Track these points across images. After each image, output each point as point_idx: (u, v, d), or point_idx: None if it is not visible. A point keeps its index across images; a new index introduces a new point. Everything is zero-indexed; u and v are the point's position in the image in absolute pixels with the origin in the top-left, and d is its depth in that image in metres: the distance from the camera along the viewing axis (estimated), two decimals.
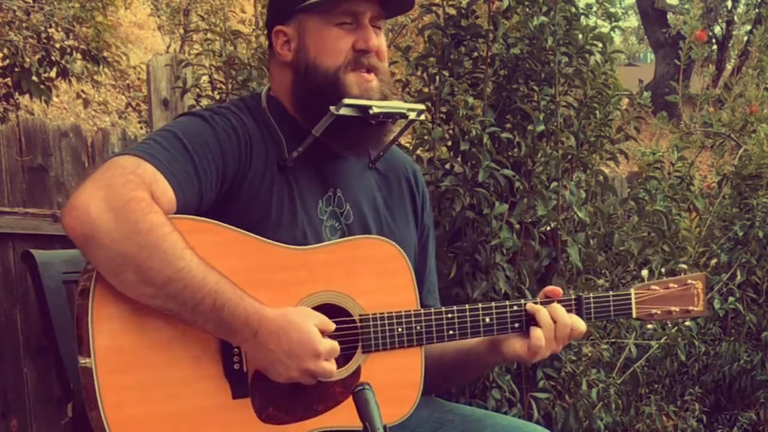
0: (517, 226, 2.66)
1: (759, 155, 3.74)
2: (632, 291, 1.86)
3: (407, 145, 2.87)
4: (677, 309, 1.90)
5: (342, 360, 1.61)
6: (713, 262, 3.71)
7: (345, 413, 1.60)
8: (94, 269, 1.47)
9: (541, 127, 2.66)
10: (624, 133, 2.88)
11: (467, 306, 1.72)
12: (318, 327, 1.54)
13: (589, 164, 2.83)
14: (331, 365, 1.55)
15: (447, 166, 2.68)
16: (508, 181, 2.63)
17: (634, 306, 1.85)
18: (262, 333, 1.50)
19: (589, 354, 2.88)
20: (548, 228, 2.74)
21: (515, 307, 1.74)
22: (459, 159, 2.65)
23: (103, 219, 1.43)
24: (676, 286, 1.90)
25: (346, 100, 1.64)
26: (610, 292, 1.85)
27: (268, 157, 1.67)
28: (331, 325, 1.56)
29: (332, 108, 1.63)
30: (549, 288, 1.80)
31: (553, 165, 2.70)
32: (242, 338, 1.51)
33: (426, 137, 2.69)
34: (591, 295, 1.82)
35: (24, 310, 3.11)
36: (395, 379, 1.66)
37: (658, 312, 1.88)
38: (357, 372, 1.63)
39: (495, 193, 2.63)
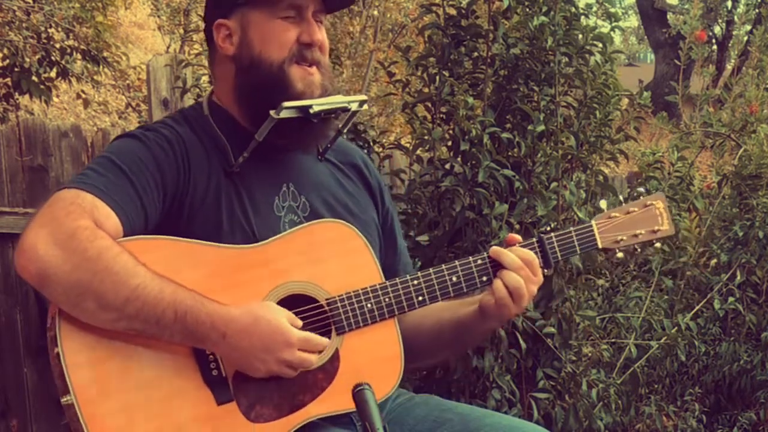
0: (517, 226, 2.66)
1: (759, 155, 3.74)
2: (593, 222, 1.83)
3: (407, 145, 2.87)
4: (642, 231, 1.86)
5: None
6: (713, 262, 3.71)
7: (331, 399, 1.61)
8: (55, 315, 1.48)
9: (541, 127, 2.66)
10: (624, 133, 2.88)
11: (431, 269, 1.71)
12: (287, 320, 1.55)
13: (589, 164, 2.83)
14: (308, 355, 1.55)
15: (447, 166, 2.68)
16: (508, 181, 2.63)
17: (597, 236, 1.82)
18: (230, 333, 1.50)
19: (589, 354, 2.88)
20: (548, 228, 2.74)
21: (479, 261, 1.73)
22: (459, 159, 2.65)
23: (51, 254, 1.44)
24: (636, 209, 1.87)
25: (286, 103, 1.64)
26: (571, 228, 1.82)
27: (211, 164, 1.66)
28: (298, 321, 1.57)
29: (272, 113, 1.64)
30: (509, 237, 1.77)
31: (553, 165, 2.70)
32: (212, 342, 1.52)
33: (426, 137, 2.69)
34: (552, 234, 1.79)
35: (24, 310, 3.11)
36: (376, 354, 1.67)
37: (624, 237, 1.84)
38: (336, 355, 1.63)
39: (495, 193, 2.63)
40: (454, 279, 1.72)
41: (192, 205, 1.63)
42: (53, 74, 4.21)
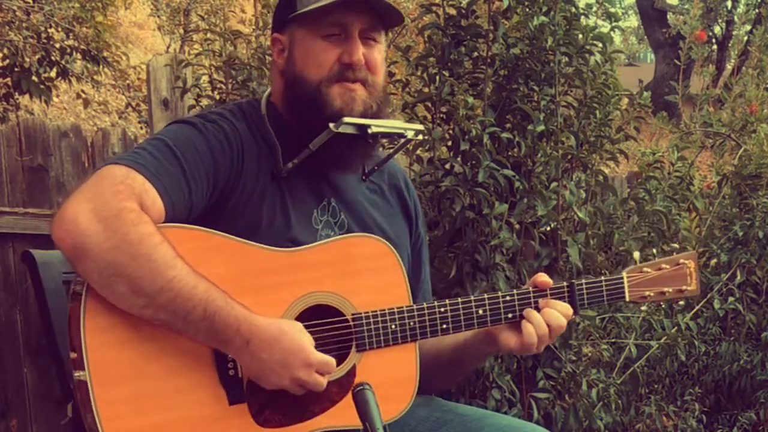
0: (517, 226, 2.66)
1: (759, 155, 3.73)
2: (624, 274, 1.85)
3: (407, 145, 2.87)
4: (670, 290, 1.88)
5: (337, 360, 1.61)
6: (713, 262, 3.70)
7: (342, 413, 1.61)
8: (83, 289, 1.47)
9: (541, 127, 2.66)
10: (624, 133, 2.88)
11: (459, 299, 1.71)
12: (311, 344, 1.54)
13: (589, 164, 2.83)
14: (322, 378, 1.55)
15: (447, 166, 2.68)
16: (508, 181, 2.63)
17: (626, 289, 1.84)
18: (254, 341, 1.50)
19: (589, 354, 2.87)
20: (548, 228, 2.74)
21: (507, 298, 1.74)
22: (459, 159, 2.65)
23: (92, 230, 1.43)
24: (668, 266, 1.89)
25: (346, 119, 1.63)
26: (602, 277, 1.84)
27: (261, 165, 1.66)
28: (331, 362, 1.56)
29: (331, 125, 1.63)
30: (539, 278, 1.77)
31: (553, 165, 2.70)
32: (234, 347, 1.51)
33: (426, 137, 2.69)
34: (583, 281, 1.81)
35: (24, 310, 3.11)
36: (391, 376, 1.66)
37: (651, 294, 1.87)
38: (352, 371, 1.63)
39: (495, 193, 2.62)
40: (480, 312, 1.72)
41: (237, 203, 1.62)
42: (53, 74, 4.21)
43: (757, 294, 3.68)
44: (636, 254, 1.98)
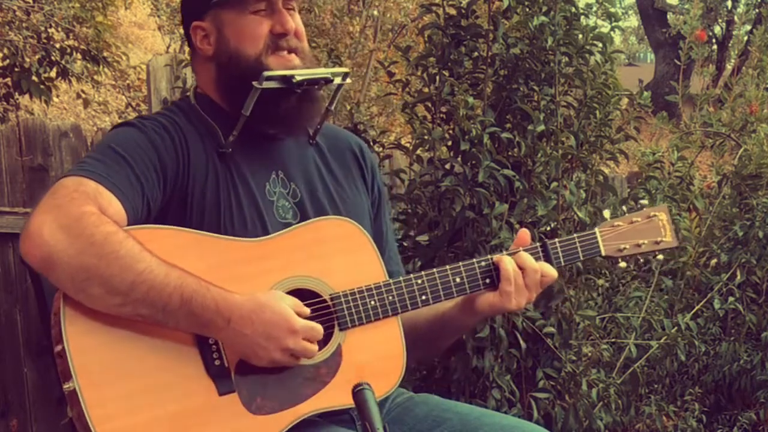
0: (517, 226, 2.66)
1: (759, 155, 3.74)
2: (597, 230, 1.86)
3: (407, 145, 2.87)
4: (646, 242, 1.89)
5: (322, 341, 1.61)
6: (713, 262, 3.71)
7: (333, 394, 1.61)
8: (59, 300, 1.48)
9: (541, 127, 2.66)
10: (624, 133, 2.88)
11: (435, 269, 1.72)
12: (292, 308, 1.55)
13: (589, 164, 2.83)
14: (311, 344, 1.56)
15: (447, 166, 2.68)
16: (508, 181, 2.63)
17: (601, 243, 1.85)
18: (234, 319, 1.51)
19: (589, 354, 2.88)
20: (548, 228, 2.74)
21: (483, 263, 1.75)
22: (459, 159, 2.65)
23: (57, 239, 1.45)
24: (639, 219, 1.90)
25: (267, 73, 1.66)
26: (575, 234, 1.85)
27: (206, 148, 1.69)
28: (305, 309, 1.58)
29: (255, 83, 1.66)
30: (520, 235, 1.80)
31: (553, 165, 2.70)
32: (216, 328, 1.52)
33: (426, 137, 2.69)
34: (556, 240, 1.82)
35: (24, 310, 3.11)
36: (378, 352, 1.67)
37: (627, 246, 1.88)
38: (338, 351, 1.64)
39: (495, 193, 2.63)
40: (458, 280, 1.73)
41: (194, 191, 1.65)
42: (53, 74, 4.20)
43: (757, 294, 3.68)
44: (606, 212, 2.00)
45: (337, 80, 1.74)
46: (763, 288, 3.68)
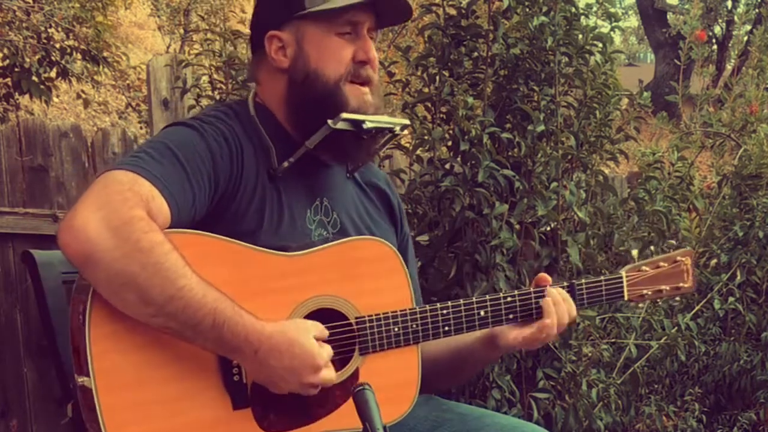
0: (517, 226, 2.66)
1: (759, 155, 3.74)
2: (623, 273, 1.87)
3: (407, 145, 2.87)
4: (667, 287, 1.91)
5: (340, 363, 1.61)
6: (713, 262, 3.71)
7: (345, 416, 1.60)
8: (88, 296, 1.45)
9: (541, 127, 2.66)
10: (624, 133, 2.88)
11: (461, 300, 1.72)
12: (315, 337, 1.54)
13: (589, 164, 2.83)
14: (330, 372, 1.55)
15: (447, 166, 2.68)
16: (508, 181, 2.63)
17: (625, 288, 1.86)
18: (262, 350, 1.49)
19: (589, 354, 2.87)
20: (548, 228, 2.74)
21: (509, 299, 1.75)
22: (459, 159, 2.65)
23: (103, 238, 1.40)
24: (665, 264, 1.91)
25: (344, 115, 1.63)
26: (602, 277, 1.85)
27: (258, 165, 1.65)
28: (325, 332, 1.56)
29: (330, 122, 1.63)
30: (541, 277, 1.79)
31: (553, 165, 2.70)
32: (242, 356, 1.50)
33: (426, 137, 2.69)
34: (583, 281, 1.82)
35: (24, 310, 3.10)
36: (393, 378, 1.66)
37: (649, 292, 1.89)
38: (355, 374, 1.64)
39: (495, 193, 2.62)
40: (482, 313, 1.73)
41: (240, 204, 1.62)
42: (53, 74, 4.21)
43: (757, 294, 3.68)
44: (635, 252, 2.00)
45: (397, 130, 1.73)
46: (763, 288, 3.68)
